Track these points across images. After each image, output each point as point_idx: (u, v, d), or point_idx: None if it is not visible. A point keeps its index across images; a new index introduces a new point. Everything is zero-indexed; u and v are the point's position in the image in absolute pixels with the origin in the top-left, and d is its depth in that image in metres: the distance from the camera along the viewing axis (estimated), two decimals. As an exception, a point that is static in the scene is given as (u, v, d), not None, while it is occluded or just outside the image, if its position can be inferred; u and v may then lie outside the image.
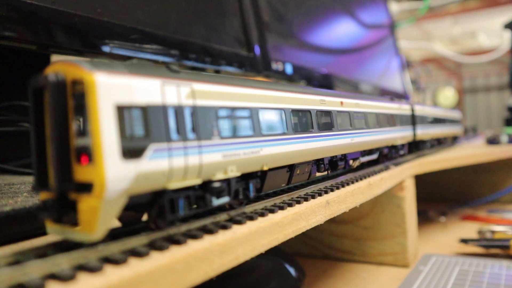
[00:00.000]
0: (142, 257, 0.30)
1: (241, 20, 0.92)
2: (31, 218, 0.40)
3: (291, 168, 0.51)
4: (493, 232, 0.93)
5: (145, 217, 0.37)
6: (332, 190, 0.56)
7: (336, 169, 0.63)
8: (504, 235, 0.92)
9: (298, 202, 0.49)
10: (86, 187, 0.29)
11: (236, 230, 0.38)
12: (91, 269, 0.27)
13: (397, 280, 0.76)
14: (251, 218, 0.41)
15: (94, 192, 0.28)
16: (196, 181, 0.36)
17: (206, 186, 0.37)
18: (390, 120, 0.84)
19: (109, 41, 0.62)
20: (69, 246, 0.31)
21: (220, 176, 0.38)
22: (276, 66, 0.99)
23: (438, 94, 6.50)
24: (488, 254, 0.89)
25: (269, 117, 0.45)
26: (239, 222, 0.40)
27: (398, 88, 1.91)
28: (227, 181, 0.40)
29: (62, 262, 0.27)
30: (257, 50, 0.94)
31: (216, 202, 0.39)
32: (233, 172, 0.39)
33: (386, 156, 0.84)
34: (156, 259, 0.30)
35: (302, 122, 0.51)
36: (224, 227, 0.38)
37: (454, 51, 5.20)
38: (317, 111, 0.55)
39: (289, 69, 1.04)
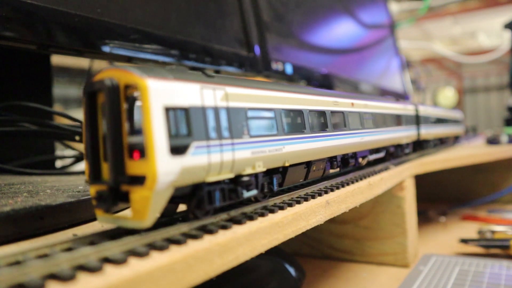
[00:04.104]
0: (142, 257, 0.30)
1: (241, 20, 0.92)
2: (31, 217, 0.40)
3: (308, 164, 0.54)
4: (493, 232, 0.93)
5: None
6: (332, 190, 0.56)
7: (347, 166, 0.66)
8: (504, 235, 0.92)
9: (298, 202, 0.49)
10: (139, 180, 0.32)
11: (236, 230, 0.38)
12: (91, 269, 0.27)
13: (397, 280, 0.76)
14: (251, 218, 0.41)
15: (146, 184, 0.32)
16: (229, 175, 0.39)
17: (237, 180, 0.41)
18: (396, 120, 0.87)
19: (109, 41, 0.62)
20: (69, 247, 0.31)
21: (249, 171, 0.41)
22: (276, 66, 0.99)
23: (438, 94, 6.50)
24: (488, 254, 0.89)
25: (290, 118, 0.49)
26: (239, 222, 0.40)
27: (398, 88, 1.91)
28: (255, 175, 0.43)
29: (62, 262, 0.27)
30: (257, 50, 0.94)
31: (246, 194, 0.42)
32: (260, 168, 0.43)
33: (392, 154, 0.87)
34: (156, 259, 0.30)
35: (318, 122, 0.55)
36: (224, 227, 0.38)
37: (454, 51, 5.20)
38: (331, 111, 0.59)
39: (289, 69, 1.04)
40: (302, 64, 1.12)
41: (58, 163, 0.90)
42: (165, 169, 0.32)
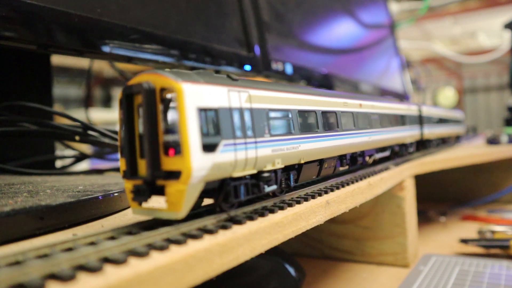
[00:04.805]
0: (142, 257, 0.30)
1: (241, 20, 0.92)
2: (31, 217, 0.40)
3: (320, 162, 0.57)
4: (493, 232, 0.93)
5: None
6: (332, 190, 0.56)
7: (355, 164, 0.69)
8: (504, 235, 0.92)
9: (298, 202, 0.49)
10: (174, 175, 0.35)
11: (236, 230, 0.38)
12: (91, 269, 0.27)
13: (397, 280, 0.76)
14: (251, 218, 0.41)
15: (181, 179, 0.34)
16: (253, 171, 0.42)
17: (258, 176, 0.44)
18: (401, 120, 0.90)
19: (109, 41, 0.62)
20: (69, 247, 0.31)
21: (269, 167, 0.44)
22: (276, 66, 0.99)
23: (438, 94, 6.50)
24: (488, 254, 0.89)
25: (305, 118, 0.53)
26: (239, 222, 0.40)
27: (398, 88, 1.91)
28: (274, 171, 0.46)
29: (62, 262, 0.27)
30: (257, 50, 0.94)
31: (267, 189, 0.45)
32: (279, 164, 0.46)
33: (397, 153, 0.90)
34: (156, 259, 0.30)
35: (330, 122, 0.58)
36: (224, 227, 0.38)
37: (454, 51, 5.20)
38: (342, 112, 0.62)
39: (289, 69, 1.04)
40: (302, 64, 1.12)
41: (58, 163, 0.90)
42: (198, 165, 0.35)
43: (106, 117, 3.69)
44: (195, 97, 0.35)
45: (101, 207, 0.48)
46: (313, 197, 0.52)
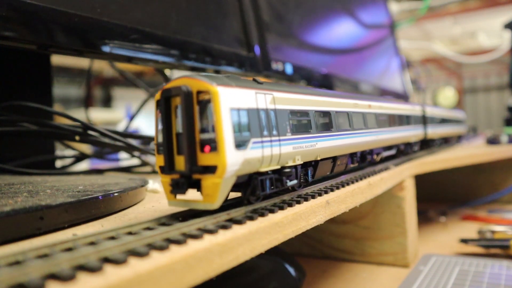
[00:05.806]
0: (142, 257, 0.30)
1: (241, 20, 0.92)
2: (31, 217, 0.40)
3: (334, 159, 0.60)
4: (493, 232, 0.93)
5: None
6: (332, 190, 0.56)
7: (364, 161, 0.72)
8: (504, 235, 0.92)
9: (298, 202, 0.49)
10: (210, 169, 0.38)
11: (236, 230, 0.38)
12: (91, 269, 0.27)
13: (397, 280, 0.76)
14: (251, 218, 0.41)
15: (217, 173, 0.38)
16: (277, 166, 0.45)
17: (281, 171, 0.47)
18: (406, 120, 0.94)
19: (109, 41, 0.62)
20: (69, 247, 0.31)
21: (290, 163, 0.48)
22: (276, 66, 0.99)
23: (438, 94, 6.50)
24: (488, 254, 0.89)
25: (321, 118, 0.56)
26: (239, 222, 0.40)
27: (398, 88, 1.91)
28: (295, 167, 0.50)
29: (62, 262, 0.27)
30: (257, 50, 0.94)
31: (289, 183, 0.49)
32: (299, 161, 0.49)
33: (403, 152, 0.93)
34: (156, 259, 0.30)
35: (342, 121, 0.62)
36: (224, 227, 0.38)
37: (454, 51, 5.20)
38: (353, 112, 0.66)
39: (289, 69, 1.04)
40: (302, 64, 1.12)
41: (58, 163, 0.90)
42: (232, 160, 0.38)
43: (106, 117, 3.69)
44: (228, 99, 0.39)
45: (101, 207, 0.48)
46: (313, 197, 0.52)
